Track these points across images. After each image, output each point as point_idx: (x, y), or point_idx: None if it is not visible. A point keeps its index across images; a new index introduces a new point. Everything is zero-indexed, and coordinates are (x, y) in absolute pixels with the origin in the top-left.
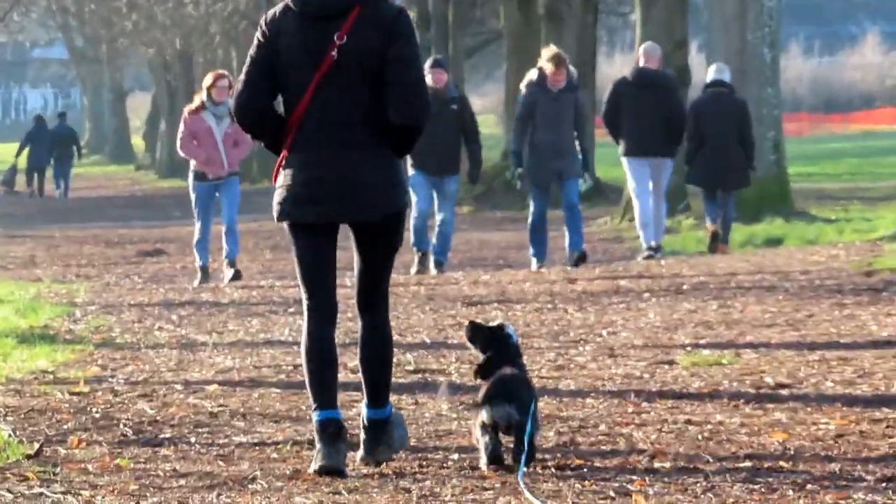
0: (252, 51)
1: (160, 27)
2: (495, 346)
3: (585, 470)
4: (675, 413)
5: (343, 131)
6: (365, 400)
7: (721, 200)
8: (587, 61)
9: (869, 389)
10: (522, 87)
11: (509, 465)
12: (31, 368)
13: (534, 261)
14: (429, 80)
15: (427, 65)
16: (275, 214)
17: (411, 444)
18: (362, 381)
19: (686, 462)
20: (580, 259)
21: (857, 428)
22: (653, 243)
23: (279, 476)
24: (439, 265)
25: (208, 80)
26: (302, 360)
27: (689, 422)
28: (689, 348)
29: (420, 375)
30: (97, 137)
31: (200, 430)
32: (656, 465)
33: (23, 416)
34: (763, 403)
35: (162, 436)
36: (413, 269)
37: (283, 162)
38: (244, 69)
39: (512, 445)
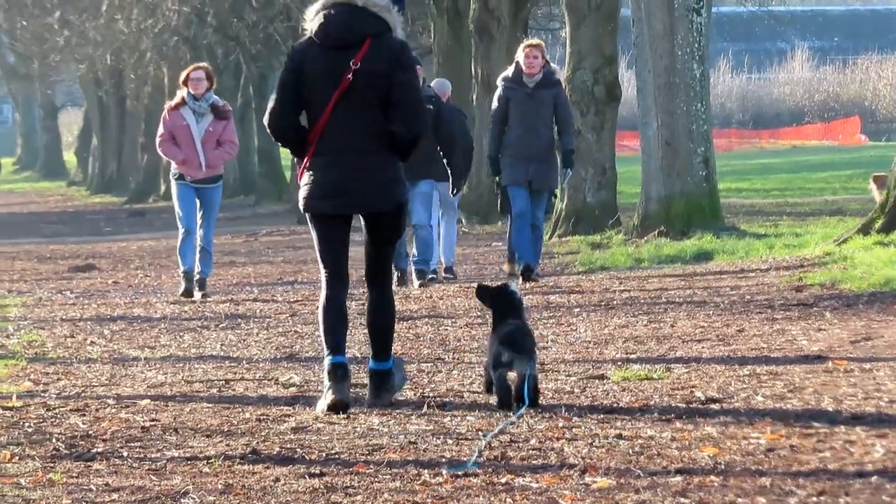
0: (282, 75)
1: (92, 43)
2: (500, 301)
3: (516, 484)
4: (605, 427)
5: (356, 140)
6: (371, 354)
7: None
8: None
9: (799, 404)
10: (497, 82)
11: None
12: None
13: (520, 265)
14: None
15: None
16: (301, 206)
17: (342, 458)
18: (370, 340)
19: (617, 477)
20: (526, 272)
21: (788, 442)
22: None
23: (211, 490)
24: (421, 275)
25: (184, 73)
26: (319, 317)
27: (620, 436)
28: (619, 363)
29: (350, 391)
30: (29, 153)
31: (133, 444)
32: (587, 479)
33: None
34: (694, 418)
35: (94, 450)
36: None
37: (308, 165)
38: (275, 90)
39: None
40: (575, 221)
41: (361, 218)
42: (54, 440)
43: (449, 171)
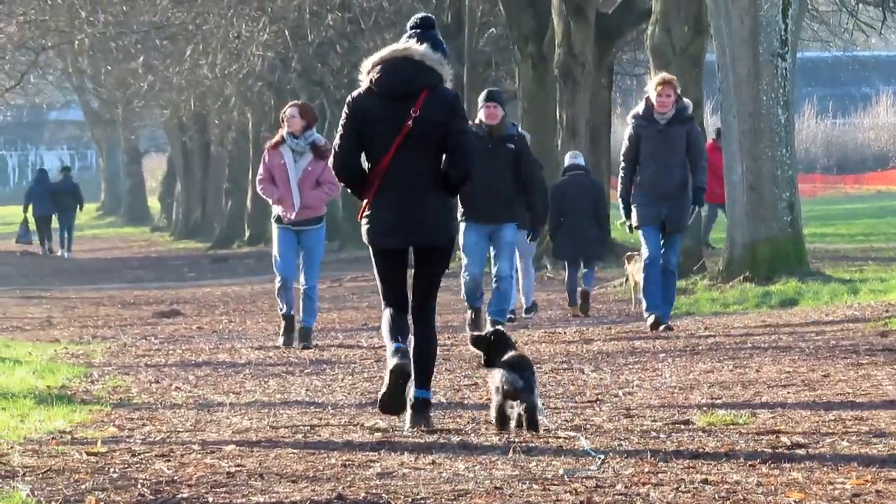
0: (343, 122)
1: (176, 89)
2: (495, 344)
3: None
4: (691, 473)
5: (415, 180)
6: (414, 383)
7: (583, 267)
8: (602, 123)
9: (885, 449)
10: (628, 119)
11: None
12: (49, 429)
13: (649, 316)
14: (482, 115)
15: (481, 98)
16: (365, 240)
17: (428, 503)
18: (413, 369)
19: None
20: (656, 324)
21: (874, 487)
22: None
23: None
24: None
25: (283, 112)
26: (383, 327)
27: (705, 481)
28: (704, 408)
29: (437, 436)
30: (112, 198)
31: (218, 490)
32: None
33: (41, 475)
34: (780, 463)
35: (179, 496)
36: (467, 328)
37: (371, 203)
38: (337, 136)
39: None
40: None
41: (412, 252)
42: (139, 486)
43: (529, 215)
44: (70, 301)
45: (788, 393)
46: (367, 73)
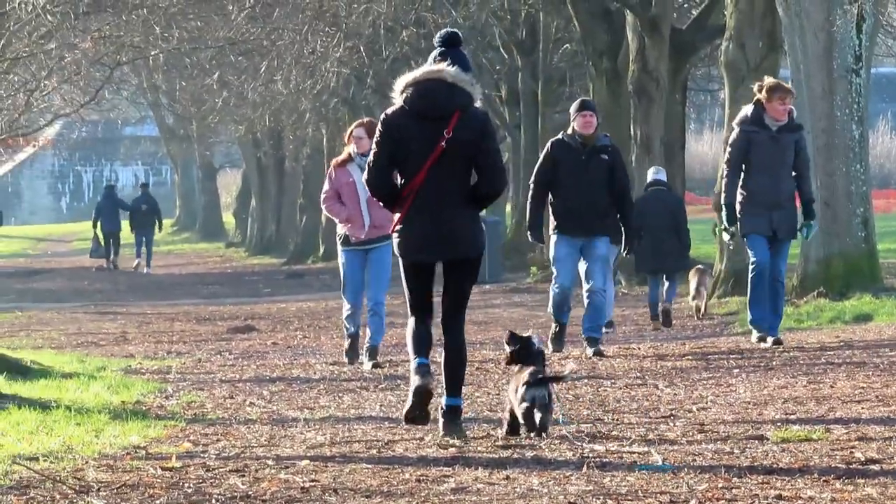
0: (377, 139)
1: (250, 104)
2: (523, 349)
3: None
4: (765, 488)
5: (447, 197)
6: (445, 391)
7: (665, 280)
8: (676, 139)
9: None
10: (735, 125)
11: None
12: (124, 444)
13: (754, 332)
14: (576, 124)
15: (573, 108)
16: (398, 253)
17: None
18: (443, 377)
19: None
20: (777, 343)
21: None
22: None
23: None
24: (593, 343)
25: (349, 129)
26: (408, 337)
27: (780, 497)
28: (779, 424)
29: (510, 451)
30: (187, 214)
31: None
32: None
33: (115, 491)
34: (854, 479)
35: None
36: (549, 344)
37: (404, 217)
38: (371, 154)
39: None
40: (734, 282)
41: (443, 265)
42: (214, 501)
43: (622, 227)
44: (145, 316)
45: (862, 409)
46: (400, 93)
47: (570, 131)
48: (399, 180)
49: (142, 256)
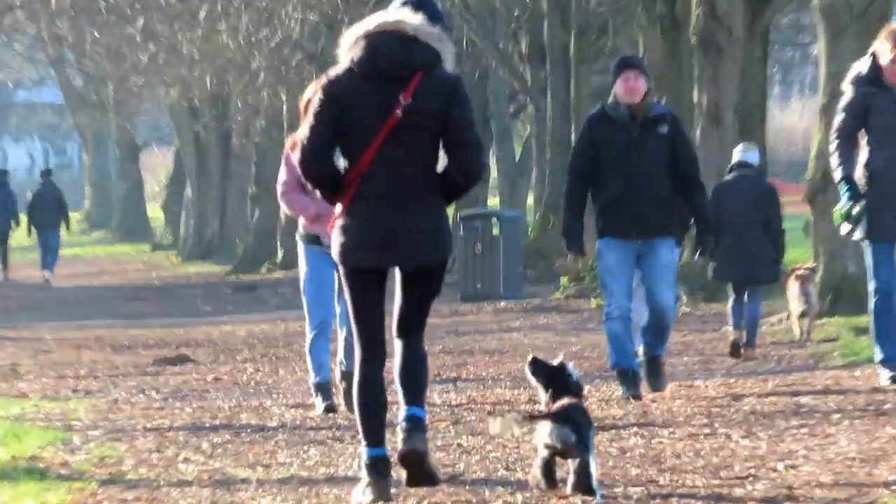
0: (315, 107)
1: (186, 62)
2: (557, 381)
3: None
4: None
5: (403, 185)
6: (403, 403)
7: (747, 296)
8: (755, 107)
9: None
10: (846, 86)
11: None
12: None
13: (884, 370)
14: (619, 90)
15: (613, 69)
16: (336, 258)
17: None
18: (399, 390)
19: None
20: None
21: None
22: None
23: None
24: (656, 365)
25: (308, 92)
26: (355, 400)
27: None
28: (895, 487)
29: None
30: (101, 207)
31: None
32: None
33: None
34: None
35: None
36: (621, 393)
37: (346, 211)
38: (307, 127)
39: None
40: (833, 298)
41: (398, 272)
42: None
43: (693, 222)
44: (42, 343)
45: None
46: (348, 49)
47: (611, 100)
48: (343, 163)
49: (46, 267)
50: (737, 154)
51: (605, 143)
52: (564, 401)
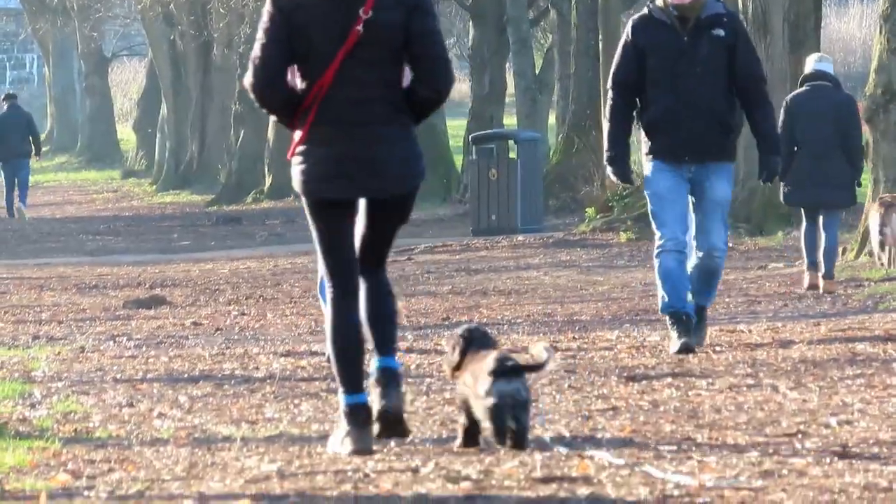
0: (264, 25)
1: None
2: (473, 343)
3: None
4: None
5: (368, 106)
6: (374, 350)
7: (823, 224)
8: (808, 13)
9: None
10: None
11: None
12: None
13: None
14: None
15: None
16: (299, 190)
17: None
18: (369, 331)
19: None
20: None
21: None
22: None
23: None
24: (700, 317)
25: None
26: (327, 340)
27: None
28: None
29: (555, 486)
30: (65, 128)
31: None
32: None
33: None
34: None
35: None
36: (672, 347)
37: (305, 137)
38: (257, 45)
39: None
40: None
41: (364, 200)
42: None
43: (758, 141)
44: (0, 283)
45: None
46: None
47: (659, 2)
48: (300, 84)
49: (13, 201)
50: (811, 63)
51: (652, 52)
52: (494, 353)
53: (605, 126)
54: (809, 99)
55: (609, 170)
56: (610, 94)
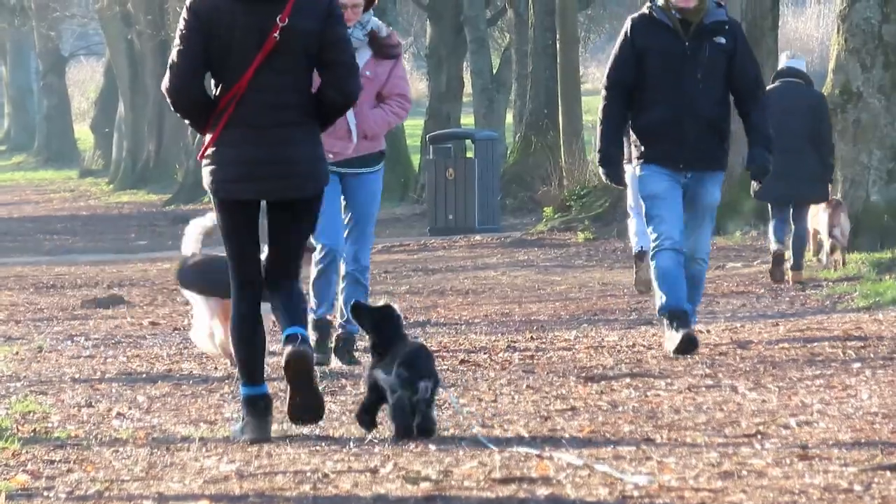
0: (181, 30)
1: None
2: (384, 325)
3: None
4: None
5: (280, 111)
6: (282, 327)
7: (792, 217)
8: (765, 12)
9: None
10: None
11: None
12: None
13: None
14: None
15: None
16: (209, 190)
17: None
18: (279, 316)
19: None
20: None
21: None
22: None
23: None
24: (680, 323)
25: None
26: (231, 338)
27: None
28: None
29: (514, 486)
30: (21, 128)
31: None
32: None
33: None
34: None
35: None
36: (670, 345)
37: (217, 138)
38: (174, 50)
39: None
40: (853, 231)
41: (267, 205)
42: None
43: (751, 140)
44: None
45: None
46: None
47: (660, 2)
48: (214, 88)
49: None
50: (783, 60)
51: (651, 54)
52: (408, 344)
53: (599, 125)
54: (782, 95)
55: (601, 171)
56: (604, 93)
